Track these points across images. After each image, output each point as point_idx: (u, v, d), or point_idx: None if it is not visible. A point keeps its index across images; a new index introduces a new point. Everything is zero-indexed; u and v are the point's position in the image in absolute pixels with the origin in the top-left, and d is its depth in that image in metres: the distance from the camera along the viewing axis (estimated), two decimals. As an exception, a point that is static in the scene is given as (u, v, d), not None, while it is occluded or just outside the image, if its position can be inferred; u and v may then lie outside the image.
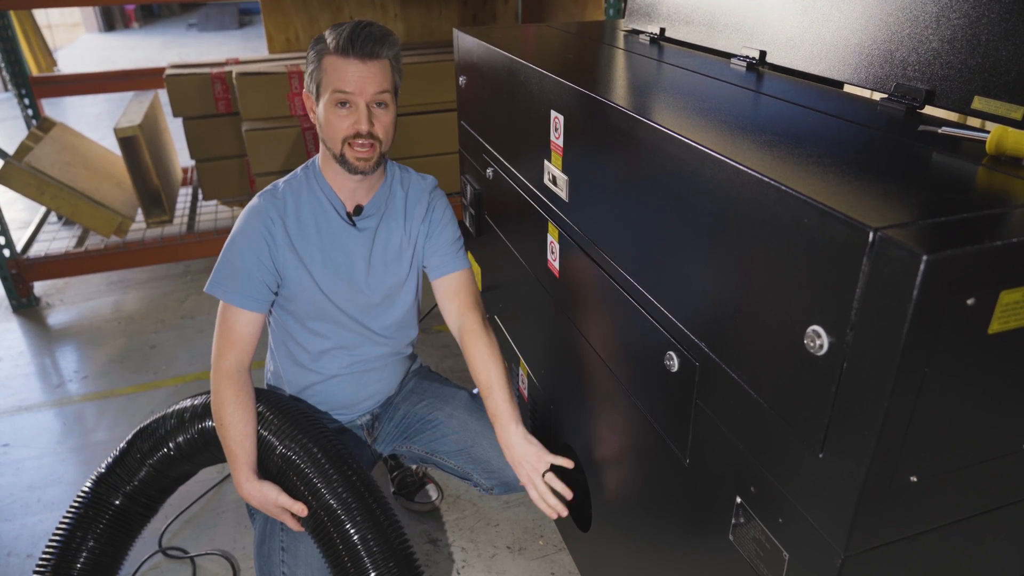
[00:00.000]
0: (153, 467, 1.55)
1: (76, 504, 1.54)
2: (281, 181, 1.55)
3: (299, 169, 1.57)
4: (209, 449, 1.54)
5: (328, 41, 1.40)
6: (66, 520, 1.53)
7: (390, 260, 1.59)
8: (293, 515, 1.43)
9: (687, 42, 1.65)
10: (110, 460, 1.57)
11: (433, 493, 1.96)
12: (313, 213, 1.52)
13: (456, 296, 1.63)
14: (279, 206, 1.50)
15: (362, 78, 1.39)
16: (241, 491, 1.44)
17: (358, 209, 1.55)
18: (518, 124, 1.61)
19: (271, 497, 1.41)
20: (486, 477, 1.69)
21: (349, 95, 1.40)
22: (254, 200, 1.52)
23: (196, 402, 1.55)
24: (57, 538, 1.51)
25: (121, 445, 1.57)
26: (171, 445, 1.53)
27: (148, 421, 1.57)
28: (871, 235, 0.67)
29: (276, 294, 1.55)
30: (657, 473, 1.19)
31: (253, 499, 1.43)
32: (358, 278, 1.56)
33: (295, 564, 1.46)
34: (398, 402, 1.76)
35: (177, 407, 1.56)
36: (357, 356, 1.63)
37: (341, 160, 1.45)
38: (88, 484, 1.55)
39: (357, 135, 1.42)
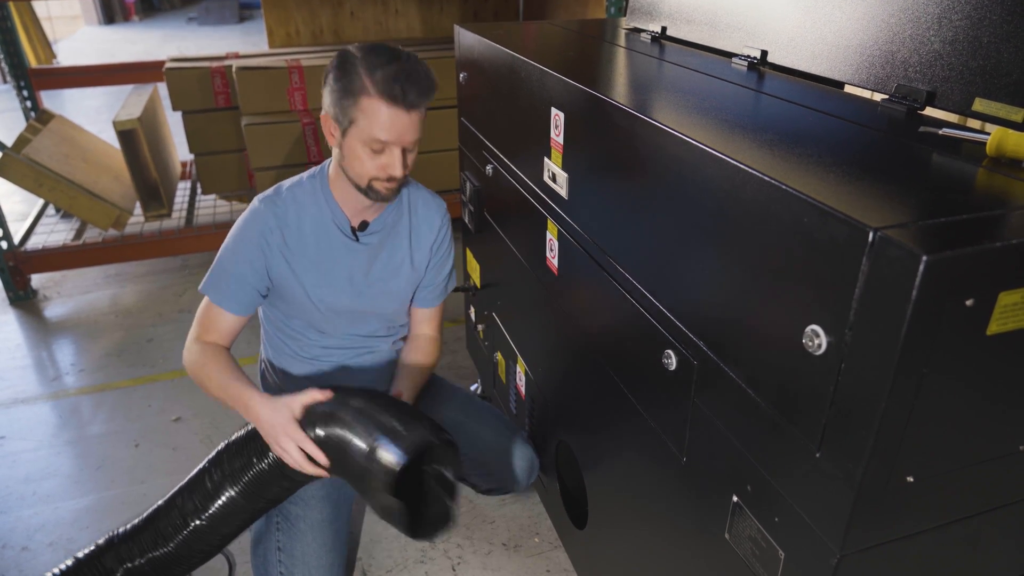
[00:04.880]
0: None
1: None
2: (285, 186, 1.50)
3: (306, 176, 1.52)
4: None
5: (366, 78, 1.30)
6: None
7: (389, 275, 1.58)
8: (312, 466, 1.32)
9: (688, 41, 1.65)
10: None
11: (429, 489, 1.96)
12: (314, 224, 1.49)
13: (426, 322, 1.71)
14: (280, 213, 1.47)
15: (404, 128, 1.34)
16: (259, 420, 1.33)
17: (363, 225, 1.52)
18: (518, 121, 1.61)
19: (290, 426, 1.30)
20: (483, 478, 1.69)
21: (387, 143, 1.35)
22: (255, 203, 1.48)
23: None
24: None
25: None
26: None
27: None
28: (871, 235, 0.67)
29: (265, 296, 1.54)
30: (654, 471, 1.19)
31: (271, 424, 1.32)
32: (354, 291, 1.54)
33: (292, 564, 1.46)
34: (395, 402, 1.75)
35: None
36: (345, 356, 1.63)
37: (367, 190, 1.41)
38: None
39: (390, 178, 1.38)
